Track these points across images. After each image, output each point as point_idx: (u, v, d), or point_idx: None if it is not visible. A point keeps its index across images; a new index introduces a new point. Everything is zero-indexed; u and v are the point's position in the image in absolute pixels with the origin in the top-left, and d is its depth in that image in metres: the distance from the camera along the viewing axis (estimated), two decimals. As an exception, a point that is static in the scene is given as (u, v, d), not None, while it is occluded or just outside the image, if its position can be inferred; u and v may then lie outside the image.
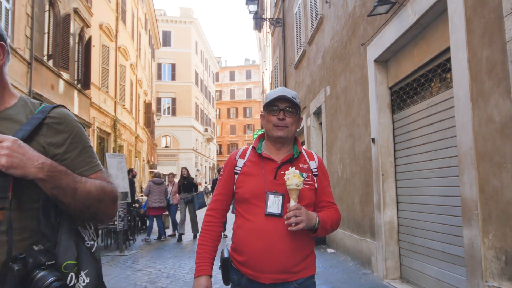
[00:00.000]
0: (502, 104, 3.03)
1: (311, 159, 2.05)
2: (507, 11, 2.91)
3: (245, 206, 1.95)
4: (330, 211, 2.00)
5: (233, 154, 2.11)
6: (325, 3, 8.26)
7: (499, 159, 3.08)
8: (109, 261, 7.83)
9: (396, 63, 5.41)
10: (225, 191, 2.05)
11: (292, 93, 2.00)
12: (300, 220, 1.75)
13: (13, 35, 11.25)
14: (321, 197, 2.03)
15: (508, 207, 3.00)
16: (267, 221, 1.87)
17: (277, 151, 2.02)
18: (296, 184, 1.78)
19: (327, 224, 1.92)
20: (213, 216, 2.06)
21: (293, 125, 1.98)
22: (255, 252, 1.86)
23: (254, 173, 1.97)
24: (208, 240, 2.01)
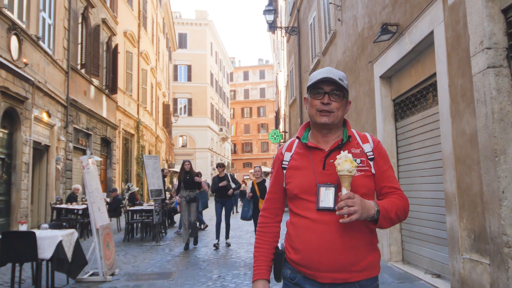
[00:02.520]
0: (470, 121, 4.05)
1: (364, 142, 1.84)
2: (473, 52, 3.92)
3: (297, 202, 1.81)
4: (394, 197, 1.76)
5: (279, 149, 1.99)
6: (337, 21, 9.27)
7: (469, 162, 4.10)
8: (149, 249, 8.96)
9: (398, 79, 6.42)
10: (275, 189, 1.94)
11: (340, 74, 1.81)
12: (354, 210, 1.57)
13: (54, 47, 12.47)
14: (382, 183, 1.80)
15: (475, 198, 4.02)
16: (321, 216, 1.71)
17: (325, 139, 1.84)
18: (348, 169, 1.61)
19: (391, 213, 1.69)
20: (266, 217, 1.95)
21: (339, 110, 1.79)
22: (310, 250, 1.71)
23: (302, 166, 1.82)
24: (263, 242, 1.91)
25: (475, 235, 4.06)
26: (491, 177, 3.69)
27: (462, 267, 4.27)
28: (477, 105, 3.90)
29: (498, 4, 3.76)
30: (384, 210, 1.66)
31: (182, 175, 9.26)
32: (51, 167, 12.23)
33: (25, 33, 10.20)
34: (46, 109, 11.58)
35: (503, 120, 3.65)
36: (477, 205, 4.01)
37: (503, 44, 3.72)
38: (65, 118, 13.14)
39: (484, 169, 3.81)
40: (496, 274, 3.68)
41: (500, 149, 3.63)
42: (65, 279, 5.79)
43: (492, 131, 3.67)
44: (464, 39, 4.13)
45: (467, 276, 4.19)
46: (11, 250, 4.98)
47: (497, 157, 3.63)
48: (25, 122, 10.30)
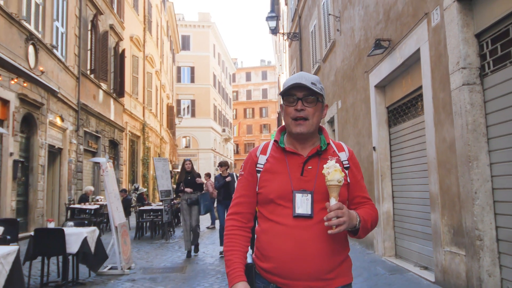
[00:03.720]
0: (450, 130, 4.61)
1: (340, 151, 1.83)
2: (451, 70, 4.49)
3: (271, 207, 1.74)
4: (368, 207, 1.79)
5: (253, 150, 1.91)
6: (336, 31, 9.83)
7: (449, 166, 4.67)
8: (160, 246, 9.55)
9: (391, 89, 6.98)
10: (247, 192, 1.84)
11: (312, 78, 1.76)
12: (343, 221, 1.56)
13: (66, 54, 13.07)
14: (355, 192, 1.82)
15: (454, 198, 4.58)
16: (296, 222, 1.67)
17: (301, 145, 1.80)
18: (338, 179, 1.59)
19: (368, 223, 1.73)
20: (239, 221, 1.83)
21: (314, 116, 1.75)
22: (285, 257, 1.65)
23: (278, 171, 1.76)
24: (236, 244, 1.79)
25: (454, 230, 4.62)
26: (466, 180, 4.26)
27: (443, 258, 4.84)
28: (454, 117, 4.46)
29: (472, 30, 4.33)
30: (364, 220, 1.69)
31: (183, 175, 8.57)
32: (64, 169, 12.83)
33: (41, 42, 10.80)
34: (59, 114, 12.18)
35: (476, 131, 4.22)
36: (456, 204, 4.57)
37: (476, 65, 4.29)
38: (76, 122, 13.73)
39: (460, 172, 4.38)
40: (470, 263, 4.25)
41: (473, 156, 4.20)
42: (87, 272, 6.37)
43: (466, 140, 4.24)
44: (445, 58, 4.69)
45: (447, 266, 4.75)
46: (41, 245, 5.56)
47: (470, 162, 4.20)
48: (41, 127, 10.90)
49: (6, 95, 9.09)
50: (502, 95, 4.01)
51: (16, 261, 4.21)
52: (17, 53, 9.49)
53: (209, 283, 5.95)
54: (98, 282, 6.13)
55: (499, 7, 3.93)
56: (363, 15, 7.82)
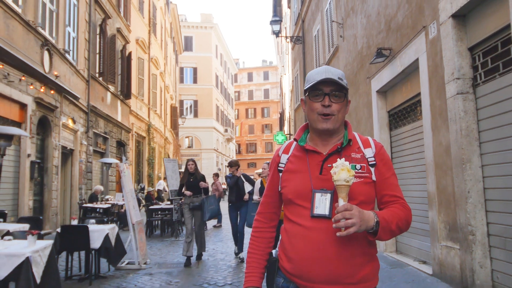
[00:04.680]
0: (445, 135, 5.03)
1: (366, 147, 1.74)
2: (447, 80, 4.91)
3: (291, 208, 1.73)
4: (396, 207, 1.67)
5: (277, 149, 1.91)
6: (339, 37, 10.24)
7: (445, 168, 5.09)
8: (170, 244, 9.98)
9: (392, 94, 7.40)
10: (271, 192, 1.86)
11: (338, 72, 1.71)
12: (352, 223, 1.47)
13: (77, 58, 13.50)
14: (383, 191, 1.71)
15: (449, 197, 5.00)
16: (315, 223, 1.62)
17: (324, 142, 1.75)
18: (345, 179, 1.51)
19: (392, 225, 1.59)
20: (260, 221, 1.89)
21: (340, 112, 1.70)
22: (303, 259, 1.63)
23: (298, 170, 1.73)
24: (256, 247, 1.85)
25: (450, 226, 5.05)
26: (460, 180, 4.68)
27: (440, 252, 5.26)
28: (450, 123, 4.89)
29: (466, 43, 4.75)
30: (385, 221, 1.56)
31: (186, 177, 7.85)
32: (75, 169, 13.27)
33: (55, 48, 11.24)
34: (71, 116, 12.62)
35: (469, 136, 4.64)
36: (451, 202, 4.99)
37: (469, 75, 4.71)
38: (86, 124, 14.17)
39: (455, 173, 4.80)
40: (463, 256, 4.67)
41: (466, 158, 4.62)
42: (106, 267, 6.80)
43: (460, 144, 4.67)
44: (441, 68, 5.11)
45: (443, 260, 5.18)
46: (67, 241, 6.00)
47: (464, 164, 4.62)
48: (55, 129, 11.33)
49: (24, 99, 9.53)
50: (492, 103, 4.43)
51: (51, 254, 4.65)
52: (33, 59, 9.92)
53: (222, 276, 6.38)
54: (118, 275, 6.56)
55: (490, 24, 4.35)
56: (365, 23, 8.23)
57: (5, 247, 4.27)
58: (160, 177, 25.61)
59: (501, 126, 4.26)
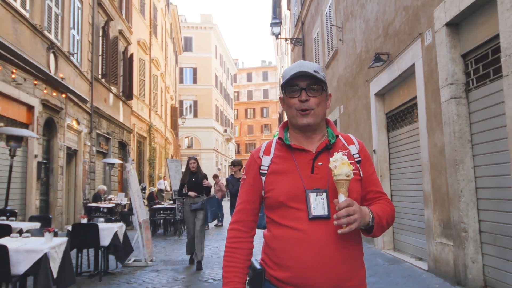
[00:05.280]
0: (440, 137, 5.30)
1: (350, 143, 1.71)
2: (441, 85, 5.17)
3: (282, 211, 1.60)
4: (383, 203, 1.66)
5: (254, 152, 1.76)
6: (339, 40, 10.50)
7: (440, 168, 5.35)
8: (174, 242, 10.24)
9: (390, 97, 7.66)
10: (250, 198, 1.72)
11: (314, 66, 1.64)
12: (354, 219, 1.43)
13: (81, 60, 13.74)
14: (369, 187, 1.69)
15: (444, 196, 5.27)
16: (313, 226, 1.54)
17: (308, 140, 1.67)
18: (346, 173, 1.46)
19: (383, 220, 1.59)
20: (239, 230, 1.71)
21: (319, 106, 1.63)
22: (304, 266, 1.52)
23: (286, 170, 1.62)
24: (236, 260, 1.66)
25: (444, 224, 5.31)
26: (453, 180, 4.95)
27: (435, 249, 5.52)
28: (444, 126, 5.15)
29: (459, 50, 5.01)
30: (378, 217, 1.55)
31: (187, 176, 7.40)
32: (79, 170, 13.51)
33: (60, 50, 11.48)
34: (75, 117, 12.87)
35: (462, 138, 4.90)
36: (445, 201, 5.25)
37: (462, 81, 4.97)
38: (90, 125, 14.41)
39: (449, 174, 5.07)
40: (457, 252, 4.93)
41: (459, 159, 4.88)
42: (114, 264, 7.05)
43: (454, 146, 4.93)
44: (436, 74, 5.37)
45: (438, 256, 5.44)
46: (78, 238, 6.24)
47: (457, 165, 4.88)
48: (60, 130, 11.58)
49: (31, 101, 9.78)
50: (484, 107, 4.69)
51: (66, 250, 4.90)
52: (40, 62, 10.16)
53: (226, 273, 6.63)
54: (126, 272, 6.81)
55: (481, 33, 4.61)
56: (364, 28, 8.49)
57: (24, 244, 4.52)
58: (160, 176, 25.86)
59: (492, 129, 4.52)
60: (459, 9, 4.73)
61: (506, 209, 4.27)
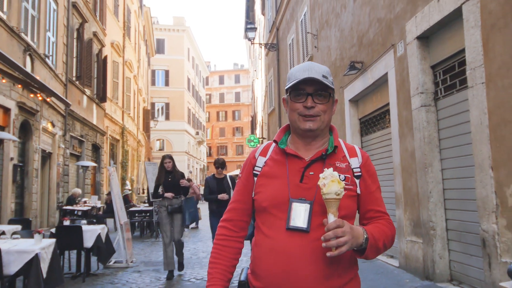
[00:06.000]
0: (411, 142, 5.69)
1: (352, 156, 1.60)
2: (412, 94, 5.56)
3: (264, 217, 1.54)
4: (382, 224, 1.54)
5: (253, 151, 1.71)
6: (314, 47, 10.88)
7: (410, 171, 5.74)
8: (151, 244, 10.35)
9: (363, 103, 8.06)
10: (243, 198, 1.66)
11: (323, 70, 1.54)
12: (344, 241, 1.32)
13: (56, 63, 13.66)
14: (368, 206, 1.58)
15: (414, 197, 5.66)
16: (289, 237, 1.45)
17: (307, 146, 1.59)
18: (336, 192, 1.35)
19: (379, 242, 1.47)
20: (228, 229, 1.66)
21: (326, 114, 1.54)
22: (274, 278, 1.45)
23: (276, 175, 1.56)
24: (221, 257, 1.62)
25: (414, 223, 5.70)
26: (423, 182, 5.33)
27: (406, 247, 5.91)
28: (414, 131, 5.54)
29: (428, 62, 5.41)
30: (373, 238, 1.44)
31: (162, 176, 6.82)
32: (53, 172, 13.41)
33: (36, 53, 11.42)
34: (50, 120, 12.79)
35: (431, 143, 5.30)
36: (415, 202, 5.64)
37: (431, 90, 5.38)
38: (64, 127, 14.33)
39: (419, 176, 5.46)
40: (426, 249, 5.32)
41: (428, 163, 5.28)
42: (95, 265, 7.15)
43: (423, 150, 5.32)
44: (407, 83, 5.76)
45: (409, 253, 5.82)
46: (61, 240, 6.32)
47: (426, 168, 5.27)
48: (36, 133, 11.51)
49: (8, 104, 9.73)
50: (451, 115, 5.09)
51: (55, 251, 5.02)
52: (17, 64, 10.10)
53: (208, 272, 6.83)
54: (108, 273, 6.93)
55: (449, 47, 5.02)
56: (339, 37, 8.88)
57: (14, 245, 4.63)
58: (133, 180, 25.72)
59: (458, 135, 4.93)
60: (429, 24, 5.12)
61: (470, 209, 4.66)
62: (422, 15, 5.27)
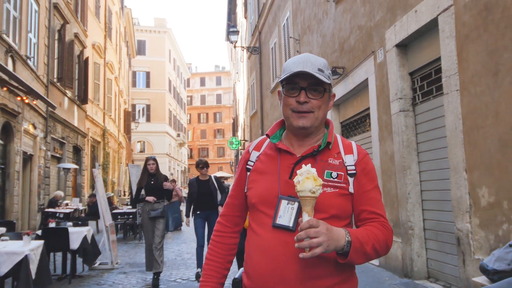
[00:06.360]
0: (390, 145, 5.93)
1: (348, 153, 1.50)
2: (391, 99, 5.81)
3: (254, 214, 1.52)
4: (375, 226, 1.43)
5: (248, 145, 1.67)
6: (296, 52, 11.10)
7: (390, 173, 5.99)
8: (135, 246, 10.41)
9: (344, 107, 8.30)
10: (237, 193, 1.63)
11: (319, 62, 1.46)
12: (318, 242, 1.23)
13: (38, 64, 13.57)
14: (362, 206, 1.47)
15: (393, 198, 5.90)
16: (275, 235, 1.40)
17: (300, 142, 1.52)
18: (311, 189, 1.27)
19: (367, 246, 1.35)
20: (223, 225, 1.66)
21: (320, 109, 1.47)
22: (260, 277, 1.42)
23: (267, 171, 1.50)
24: (216, 254, 1.62)
25: (393, 223, 5.94)
26: (402, 184, 5.57)
27: (386, 246, 6.13)
28: (394, 135, 5.78)
29: (407, 69, 5.66)
30: (358, 242, 1.32)
31: (145, 179, 6.49)
32: (34, 175, 13.31)
33: (18, 54, 11.35)
34: (32, 122, 12.70)
35: (409, 146, 5.55)
36: (394, 202, 5.88)
37: (409, 96, 5.63)
38: (45, 129, 14.22)
39: (398, 178, 5.70)
40: (404, 248, 5.56)
41: (407, 166, 5.52)
42: (81, 267, 7.19)
43: (402, 153, 5.56)
44: (387, 89, 6.00)
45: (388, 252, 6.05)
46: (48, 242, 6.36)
47: (405, 170, 5.51)
48: (17, 134, 11.42)
49: (-11, 105, 9.67)
50: (428, 120, 5.34)
51: (43, 253, 5.09)
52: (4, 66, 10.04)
53: (193, 273, 6.95)
54: (94, 275, 6.98)
55: (426, 55, 5.28)
56: (320, 42, 9.11)
57: (3, 246, 4.68)
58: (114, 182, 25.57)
59: (434, 139, 5.18)
60: (407, 33, 5.37)
61: (446, 209, 4.91)
62: (400, 24, 5.51)
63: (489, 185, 3.96)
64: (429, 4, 4.83)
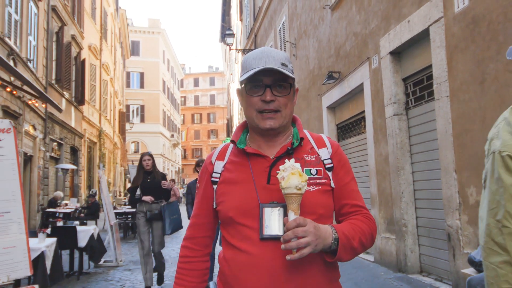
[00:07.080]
0: (384, 147, 6.26)
1: (320, 146, 1.41)
2: (386, 103, 6.13)
3: (232, 229, 1.35)
4: (359, 219, 1.35)
5: (208, 156, 1.51)
6: (292, 55, 11.41)
7: (384, 173, 6.31)
8: (136, 245, 10.62)
9: (340, 110, 8.62)
10: (203, 211, 1.48)
11: (281, 56, 1.35)
12: (306, 242, 1.15)
13: (37, 66, 13.78)
14: (343, 200, 1.39)
15: (388, 197, 6.22)
16: (265, 248, 1.27)
17: (269, 143, 1.41)
18: (296, 186, 1.18)
19: (354, 241, 1.27)
20: (190, 249, 1.48)
21: (287, 107, 1.36)
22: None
23: (239, 179, 1.37)
24: (188, 284, 1.45)
25: (388, 221, 6.26)
26: (396, 184, 5.90)
27: (380, 243, 6.47)
28: (388, 138, 6.11)
29: (400, 75, 5.99)
30: (345, 237, 1.25)
31: (140, 177, 5.90)
32: (34, 175, 13.50)
33: (19, 57, 11.56)
34: (32, 123, 12.90)
35: (403, 148, 5.87)
36: (389, 201, 6.21)
37: (403, 100, 5.96)
38: (44, 130, 14.42)
39: (392, 178, 6.02)
40: (398, 244, 5.89)
41: (400, 166, 5.85)
42: (87, 264, 7.44)
43: (396, 155, 5.89)
44: (381, 93, 6.33)
45: (383, 248, 6.38)
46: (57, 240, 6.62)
47: (399, 171, 5.84)
48: (18, 136, 11.62)
49: (-7, 108, 9.88)
50: (420, 123, 5.68)
51: (56, 249, 5.35)
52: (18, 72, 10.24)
53: (196, 270, 7.23)
54: (100, 272, 7.24)
55: (418, 62, 5.61)
56: (317, 47, 9.43)
57: (20, 244, 4.93)
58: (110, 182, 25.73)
59: (427, 142, 5.51)
60: (400, 41, 5.70)
61: (437, 207, 5.24)
62: (394, 33, 5.84)
63: (476, 184, 4.28)
64: (421, 15, 5.16)
